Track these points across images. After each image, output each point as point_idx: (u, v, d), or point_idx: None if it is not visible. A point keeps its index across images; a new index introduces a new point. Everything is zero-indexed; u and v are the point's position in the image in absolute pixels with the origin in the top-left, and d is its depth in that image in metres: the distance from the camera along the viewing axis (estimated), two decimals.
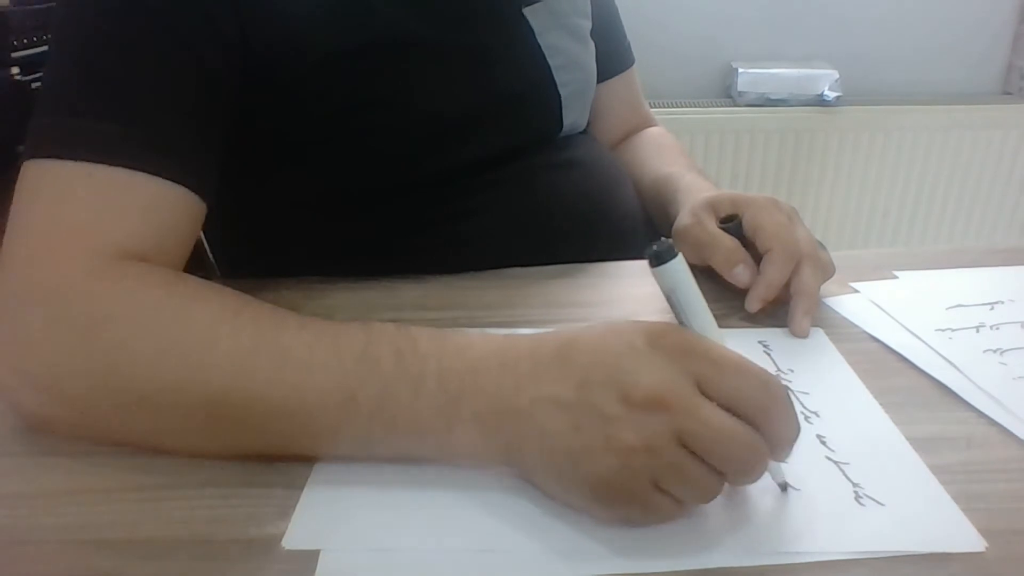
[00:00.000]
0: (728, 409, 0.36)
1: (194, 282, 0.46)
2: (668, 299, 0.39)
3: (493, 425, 0.39)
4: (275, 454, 0.42)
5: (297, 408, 0.40)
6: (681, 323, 0.39)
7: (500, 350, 0.40)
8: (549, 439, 0.37)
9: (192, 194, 0.50)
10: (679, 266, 0.38)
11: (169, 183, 0.49)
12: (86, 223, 0.46)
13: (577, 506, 0.38)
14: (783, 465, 0.40)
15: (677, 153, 0.82)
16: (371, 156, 0.61)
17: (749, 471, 0.37)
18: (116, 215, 0.47)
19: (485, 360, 0.40)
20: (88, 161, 0.46)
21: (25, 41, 1.10)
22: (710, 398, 0.36)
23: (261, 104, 0.57)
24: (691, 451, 0.35)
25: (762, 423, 0.36)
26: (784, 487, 0.40)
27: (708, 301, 0.39)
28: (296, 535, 0.37)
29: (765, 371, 0.37)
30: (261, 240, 0.68)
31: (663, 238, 0.38)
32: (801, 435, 0.44)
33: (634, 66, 0.88)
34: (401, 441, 0.40)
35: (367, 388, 0.40)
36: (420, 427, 0.40)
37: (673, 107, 1.68)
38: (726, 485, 0.37)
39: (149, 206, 0.48)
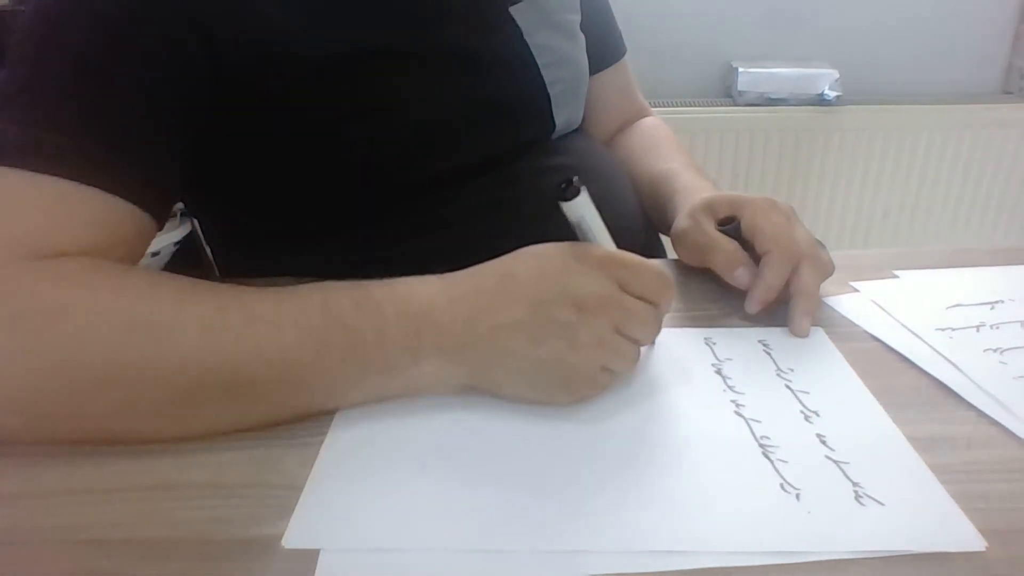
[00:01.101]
0: (641, 298, 0.46)
1: (146, 270, 0.47)
2: (577, 227, 0.48)
3: (455, 355, 0.45)
4: (245, 424, 0.43)
5: (271, 358, 0.43)
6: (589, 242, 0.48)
7: (442, 290, 0.47)
8: (515, 357, 0.45)
9: (139, 210, 0.50)
10: (584, 199, 0.47)
11: (113, 197, 0.48)
12: (27, 229, 0.45)
13: (542, 400, 0.46)
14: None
15: (673, 147, 0.82)
16: (360, 165, 0.60)
17: (655, 335, 0.50)
18: (59, 225, 0.46)
19: (433, 301, 0.46)
20: (31, 170, 0.46)
21: None
22: (628, 293, 0.46)
23: (244, 117, 0.57)
24: (624, 336, 0.46)
25: (661, 303, 0.47)
26: (652, 344, 0.52)
27: (707, 301, 0.40)
28: (296, 535, 0.37)
29: (656, 265, 0.48)
30: (257, 242, 0.67)
31: (572, 177, 0.46)
32: (801, 435, 0.45)
33: (626, 56, 0.87)
34: (372, 380, 0.45)
35: (336, 335, 0.44)
36: (389, 365, 0.45)
37: (673, 107, 1.68)
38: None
39: (89, 219, 0.47)
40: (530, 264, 0.47)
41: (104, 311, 0.42)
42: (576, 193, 0.46)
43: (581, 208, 0.47)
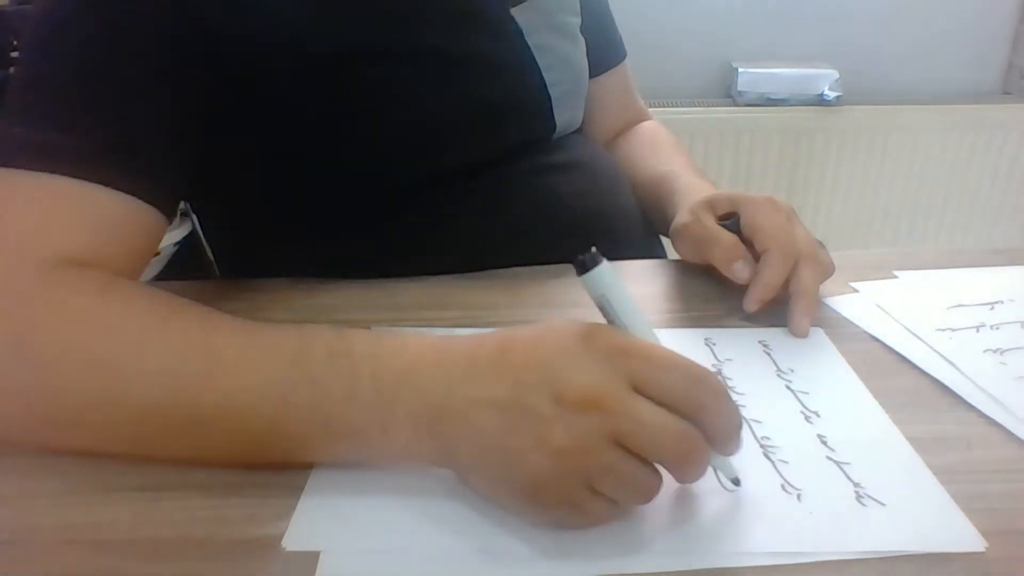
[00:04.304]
0: (664, 405, 0.35)
1: (126, 288, 0.45)
2: (599, 305, 0.39)
3: (427, 426, 0.38)
4: (213, 462, 0.41)
5: (229, 413, 0.40)
6: (614, 326, 0.39)
7: (436, 349, 0.40)
8: (483, 440, 0.37)
9: (147, 207, 0.49)
10: (605, 271, 0.38)
11: (121, 195, 0.48)
12: (29, 231, 0.45)
13: (510, 507, 0.38)
14: (732, 461, 0.39)
15: (672, 149, 0.82)
16: (361, 165, 0.61)
17: (689, 464, 0.36)
18: (62, 225, 0.46)
19: (421, 359, 0.40)
20: (38, 170, 0.46)
21: None
22: (645, 396, 0.35)
23: (244, 115, 0.57)
24: (627, 450, 0.35)
25: (699, 416, 0.36)
26: (736, 482, 0.40)
27: (707, 302, 0.39)
28: (296, 536, 0.37)
29: (700, 366, 0.37)
30: (258, 242, 0.67)
31: (592, 247, 0.38)
32: (801, 435, 0.44)
33: (626, 60, 0.88)
34: (338, 443, 0.40)
35: (300, 390, 0.40)
36: (354, 428, 0.39)
37: (673, 107, 1.68)
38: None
39: (98, 217, 0.47)
40: (532, 337, 0.39)
41: (70, 341, 0.42)
42: (593, 263, 0.37)
43: (602, 284, 0.38)
